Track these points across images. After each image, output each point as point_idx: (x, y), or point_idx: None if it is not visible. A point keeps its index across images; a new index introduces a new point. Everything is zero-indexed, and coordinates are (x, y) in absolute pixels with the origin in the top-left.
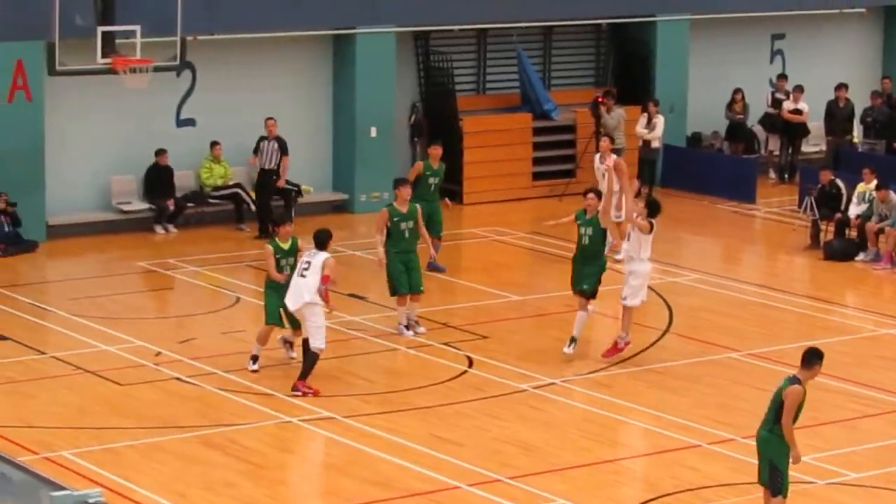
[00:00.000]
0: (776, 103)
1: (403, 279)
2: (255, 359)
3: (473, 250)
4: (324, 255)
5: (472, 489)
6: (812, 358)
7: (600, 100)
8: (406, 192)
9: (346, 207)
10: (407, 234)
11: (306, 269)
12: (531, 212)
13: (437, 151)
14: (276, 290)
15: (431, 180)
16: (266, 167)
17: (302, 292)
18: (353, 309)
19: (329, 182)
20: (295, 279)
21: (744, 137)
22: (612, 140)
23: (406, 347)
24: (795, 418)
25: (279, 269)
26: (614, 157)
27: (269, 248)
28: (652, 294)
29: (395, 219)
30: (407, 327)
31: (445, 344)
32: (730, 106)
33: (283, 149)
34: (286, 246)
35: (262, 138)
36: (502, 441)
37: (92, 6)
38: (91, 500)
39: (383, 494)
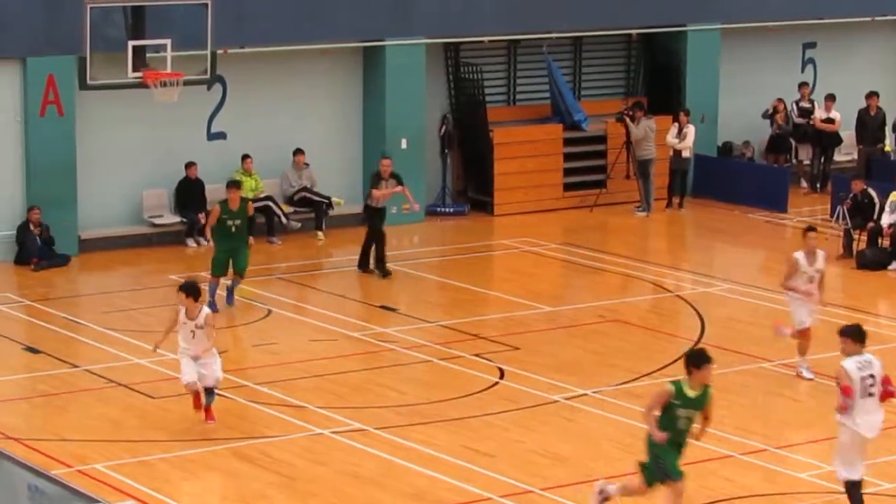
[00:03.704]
0: (802, 112)
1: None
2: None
3: (504, 261)
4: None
5: (505, 500)
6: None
7: (626, 112)
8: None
9: None
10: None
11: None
12: (562, 223)
13: (234, 195)
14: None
15: (230, 223)
16: (380, 205)
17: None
18: (384, 321)
19: (359, 194)
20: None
21: (785, 148)
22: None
23: (437, 359)
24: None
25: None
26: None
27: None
28: (684, 304)
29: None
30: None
31: (477, 355)
32: (772, 116)
33: (400, 181)
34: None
35: (378, 176)
36: (535, 452)
37: (122, 21)
38: None
39: None
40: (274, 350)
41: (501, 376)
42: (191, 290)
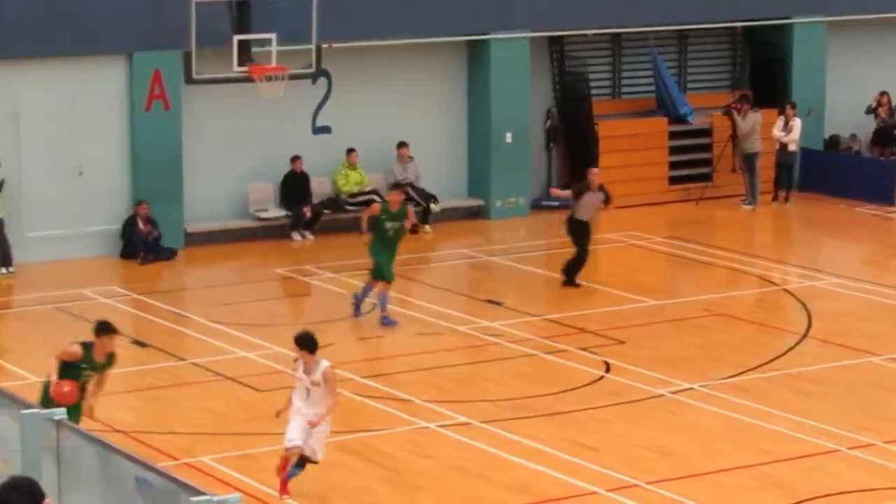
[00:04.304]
0: None
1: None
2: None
3: (610, 255)
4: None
5: (611, 494)
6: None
7: (734, 105)
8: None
9: (482, 213)
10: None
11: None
12: (668, 216)
13: (396, 197)
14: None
15: (388, 225)
16: (585, 218)
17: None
18: (489, 314)
19: (465, 188)
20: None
21: (890, 141)
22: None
23: (542, 353)
24: None
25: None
26: None
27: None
28: (791, 298)
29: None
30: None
31: (582, 349)
32: (875, 109)
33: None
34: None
35: (587, 188)
36: (640, 446)
37: (228, 15)
38: None
39: (521, 500)
40: (380, 344)
41: (607, 370)
42: (306, 342)
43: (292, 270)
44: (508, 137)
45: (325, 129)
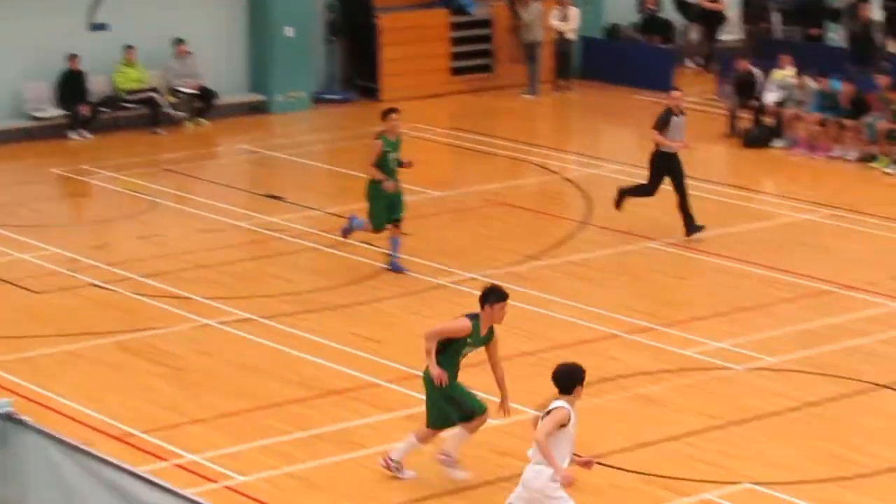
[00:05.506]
0: None
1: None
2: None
3: None
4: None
5: (393, 385)
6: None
7: None
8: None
9: (263, 109)
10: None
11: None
12: (450, 108)
13: (394, 123)
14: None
15: (392, 156)
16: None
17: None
18: (271, 210)
19: (245, 83)
20: None
21: (659, 29)
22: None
23: (325, 247)
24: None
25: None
26: None
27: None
28: (571, 186)
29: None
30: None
31: (365, 242)
32: (643, 2)
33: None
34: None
35: (670, 113)
36: (422, 337)
37: None
38: (0, 411)
39: (303, 393)
40: (159, 242)
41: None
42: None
43: (70, 170)
44: (289, 31)
45: (102, 27)
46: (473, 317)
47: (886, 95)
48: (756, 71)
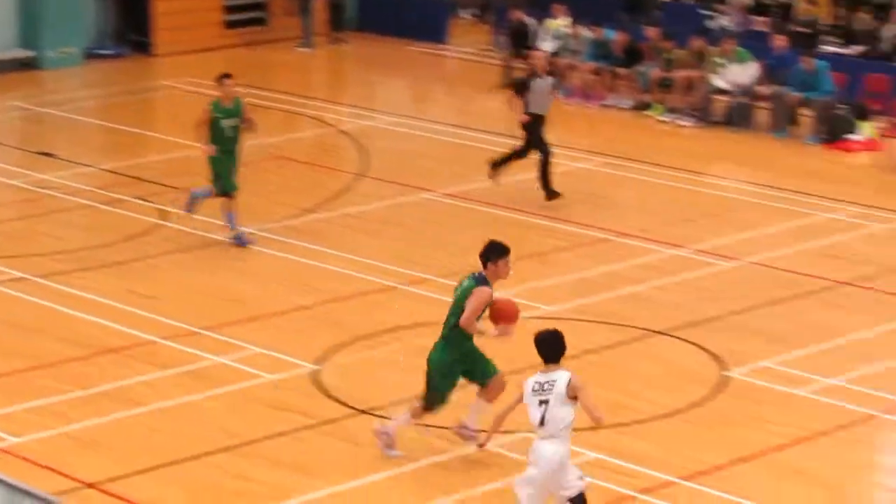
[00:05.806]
0: None
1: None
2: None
3: (165, 103)
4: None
5: (168, 342)
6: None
7: None
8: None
9: (34, 64)
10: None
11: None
12: (224, 62)
13: (228, 89)
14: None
15: (225, 123)
16: (540, 112)
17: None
18: (42, 167)
19: (14, 39)
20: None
21: None
22: None
23: (100, 203)
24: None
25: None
26: None
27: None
28: (347, 138)
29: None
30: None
31: (139, 198)
32: None
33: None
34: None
35: (533, 75)
36: (199, 293)
37: None
38: None
39: (80, 352)
40: None
41: (164, 218)
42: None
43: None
44: None
45: None
46: (480, 278)
47: (659, 45)
48: (530, 21)
